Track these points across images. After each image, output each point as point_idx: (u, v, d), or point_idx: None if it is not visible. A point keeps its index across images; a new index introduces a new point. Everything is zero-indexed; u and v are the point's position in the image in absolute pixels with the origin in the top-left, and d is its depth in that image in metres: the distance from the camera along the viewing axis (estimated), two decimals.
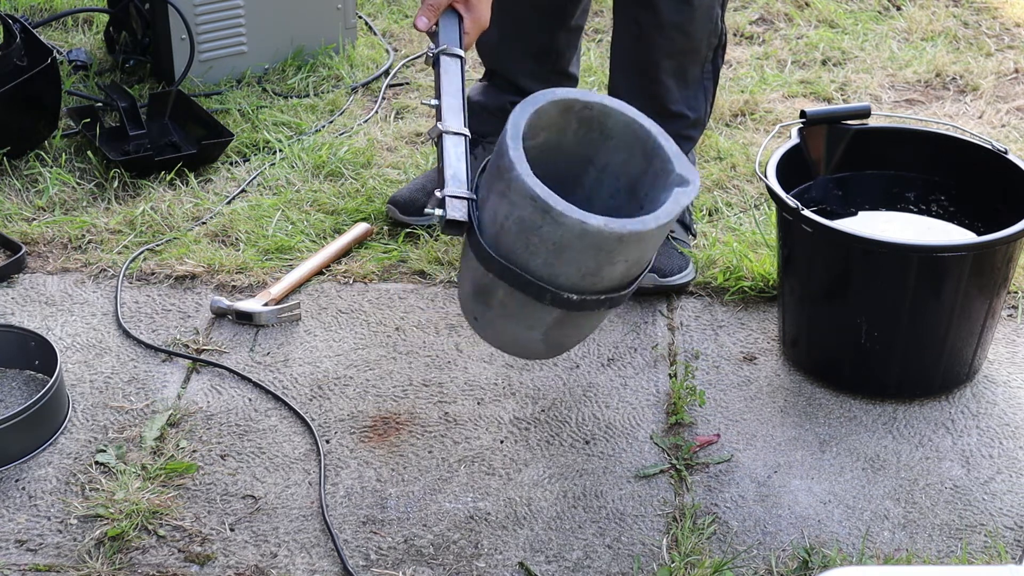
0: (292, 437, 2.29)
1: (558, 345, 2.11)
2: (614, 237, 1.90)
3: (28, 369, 2.43)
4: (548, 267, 1.94)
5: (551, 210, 1.88)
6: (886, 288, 2.26)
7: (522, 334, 2.05)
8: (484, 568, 2.03)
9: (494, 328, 2.07)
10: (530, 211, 1.90)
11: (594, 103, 2.06)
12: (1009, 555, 2.06)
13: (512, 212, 1.92)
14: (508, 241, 1.94)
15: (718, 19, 2.61)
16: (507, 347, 2.12)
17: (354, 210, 2.88)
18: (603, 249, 1.92)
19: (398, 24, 3.81)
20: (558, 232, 1.89)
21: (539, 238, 1.91)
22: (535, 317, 2.01)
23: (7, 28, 3.08)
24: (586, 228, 1.88)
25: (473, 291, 2.04)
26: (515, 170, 1.90)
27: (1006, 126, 3.28)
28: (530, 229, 1.91)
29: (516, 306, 2.00)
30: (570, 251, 1.91)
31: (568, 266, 1.93)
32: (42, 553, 2.05)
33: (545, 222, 1.89)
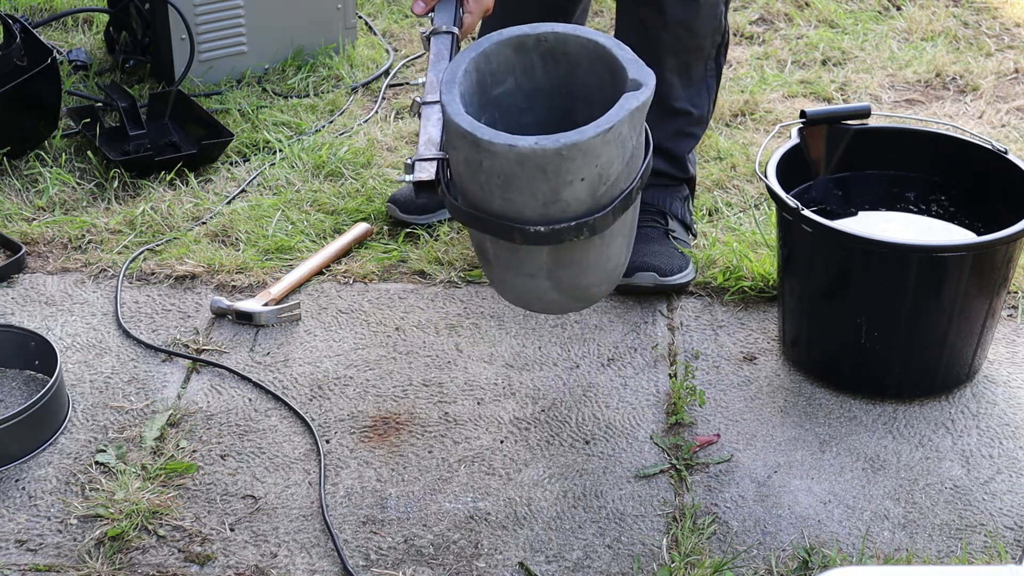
0: (292, 437, 2.29)
1: (573, 289, 2.03)
2: (551, 153, 1.83)
3: (28, 369, 2.43)
4: (507, 203, 1.89)
5: (480, 141, 1.84)
6: (886, 288, 2.26)
7: (529, 284, 2.00)
8: (484, 568, 2.03)
9: (504, 284, 2.05)
10: (468, 149, 1.87)
11: (546, 33, 2.01)
12: (1009, 555, 2.06)
13: (459, 156, 1.90)
14: (467, 188, 1.93)
15: (722, 16, 2.62)
16: (526, 302, 2.07)
17: (354, 210, 2.88)
18: (548, 170, 1.85)
19: (398, 24, 3.81)
20: (497, 163, 1.85)
21: (485, 175, 1.87)
22: (527, 262, 1.97)
23: (7, 28, 3.08)
24: (519, 151, 1.82)
25: (476, 252, 2.05)
26: (446, 112, 1.88)
27: (1006, 126, 3.28)
28: (475, 168, 1.87)
29: (506, 254, 1.98)
30: (518, 180, 1.86)
31: (523, 196, 1.87)
32: (42, 553, 2.05)
33: (481, 155, 1.85)
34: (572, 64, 2.02)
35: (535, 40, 2.01)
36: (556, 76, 2.02)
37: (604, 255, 2.02)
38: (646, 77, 1.94)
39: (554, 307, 2.12)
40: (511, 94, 2.01)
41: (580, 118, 1.98)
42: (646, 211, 2.70)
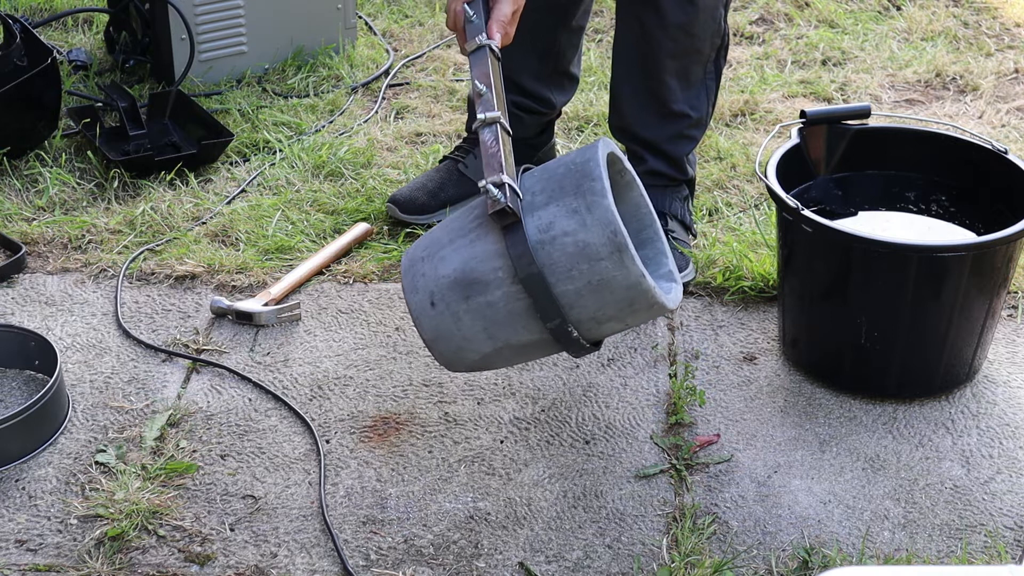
0: (292, 437, 2.29)
1: (489, 363, 2.07)
2: (650, 302, 1.95)
3: (28, 369, 2.43)
4: (576, 296, 1.94)
5: (625, 251, 1.90)
6: (886, 288, 2.26)
7: (477, 340, 2.00)
8: (484, 568, 2.03)
9: (453, 322, 1.99)
10: (602, 242, 1.90)
11: (628, 171, 2.14)
12: (1009, 555, 2.06)
13: (578, 233, 1.91)
14: (552, 256, 1.92)
15: (721, 19, 2.61)
16: (442, 344, 2.03)
17: (354, 210, 2.88)
18: (633, 306, 1.95)
19: (398, 24, 3.81)
20: (613, 272, 1.91)
21: (590, 268, 1.91)
22: (512, 331, 1.99)
23: (7, 28, 3.08)
24: (641, 283, 1.92)
25: (461, 278, 1.97)
26: (607, 199, 1.91)
27: (1006, 126, 3.28)
28: (588, 257, 1.91)
29: (504, 313, 1.97)
30: (608, 293, 1.93)
31: (593, 303, 1.94)
32: (42, 553, 2.05)
33: (610, 258, 1.91)
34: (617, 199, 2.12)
35: (621, 168, 2.14)
36: None
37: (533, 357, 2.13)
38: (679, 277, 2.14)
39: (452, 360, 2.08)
40: None
41: None
42: None
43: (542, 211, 1.94)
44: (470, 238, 1.99)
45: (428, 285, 2.00)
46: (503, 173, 1.96)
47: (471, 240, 1.98)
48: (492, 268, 1.95)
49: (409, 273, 2.03)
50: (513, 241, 1.93)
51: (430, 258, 2.01)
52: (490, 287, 1.96)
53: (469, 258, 1.97)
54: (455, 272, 1.97)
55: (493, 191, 1.93)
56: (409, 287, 2.02)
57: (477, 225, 1.98)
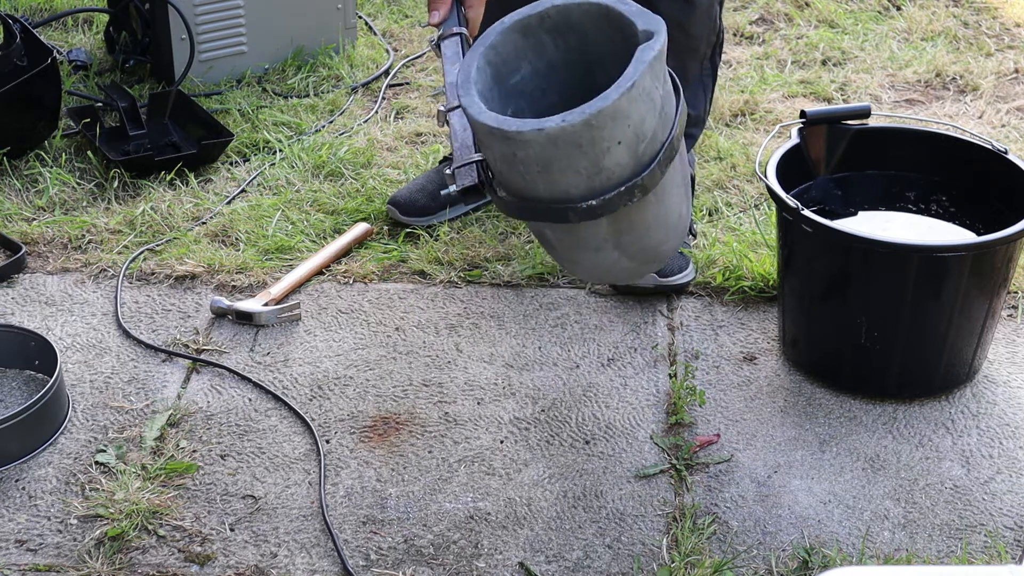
0: (292, 437, 2.29)
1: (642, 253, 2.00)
2: (581, 126, 1.80)
3: (28, 369, 2.43)
4: (552, 185, 1.87)
5: (508, 133, 1.82)
6: (886, 288, 2.26)
7: (598, 258, 1.98)
8: (484, 568, 2.03)
9: (575, 264, 2.06)
10: (499, 144, 1.85)
11: (547, 9, 1.97)
12: (1009, 555, 2.06)
13: (493, 153, 1.89)
14: (509, 181, 1.92)
15: (717, 17, 2.62)
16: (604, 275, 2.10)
17: (354, 210, 2.88)
18: (583, 143, 1.81)
19: (398, 24, 3.81)
20: (531, 150, 1.83)
21: (523, 164, 1.85)
22: (589, 238, 1.95)
23: (7, 28, 3.08)
24: (548, 133, 1.80)
25: (539, 240, 2.06)
26: (469, 114, 1.87)
27: (1006, 126, 3.28)
28: (511, 160, 1.86)
29: (566, 236, 1.96)
30: (556, 161, 1.83)
31: (566, 175, 1.85)
32: (42, 553, 2.05)
33: (514, 147, 1.83)
34: (580, 34, 1.99)
35: (539, 19, 1.97)
36: (568, 50, 1.99)
37: (663, 211, 1.99)
38: (656, 25, 1.88)
39: (629, 274, 2.11)
40: (529, 79, 1.98)
41: (602, 85, 1.90)
42: None
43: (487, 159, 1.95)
44: None
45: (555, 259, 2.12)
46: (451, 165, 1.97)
47: None
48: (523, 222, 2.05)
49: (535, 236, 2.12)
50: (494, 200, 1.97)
51: None
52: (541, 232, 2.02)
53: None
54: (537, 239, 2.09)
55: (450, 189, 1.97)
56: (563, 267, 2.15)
57: None
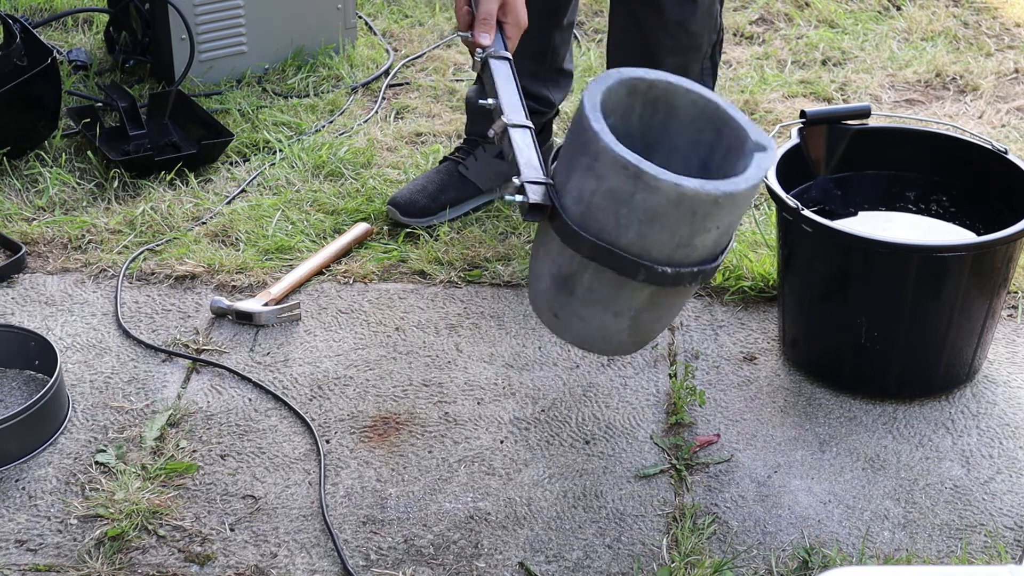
0: (292, 437, 2.29)
1: (643, 333, 2.04)
2: (710, 200, 1.85)
3: (28, 369, 2.43)
4: (641, 239, 1.89)
5: (643, 175, 1.84)
6: (886, 288, 2.26)
7: (609, 322, 1.99)
8: (484, 568, 2.03)
9: (578, 319, 2.01)
10: (621, 180, 1.85)
11: (659, 81, 2.03)
12: (1009, 555, 2.06)
13: (600, 185, 1.88)
14: (597, 218, 1.90)
15: (717, 15, 2.62)
16: (591, 340, 2.05)
17: (354, 210, 2.88)
18: (698, 214, 1.87)
19: (398, 24, 3.81)
20: (652, 199, 1.85)
21: (630, 208, 1.86)
22: (625, 299, 1.96)
23: (7, 28, 3.08)
24: (682, 191, 1.84)
25: (554, 282, 2.00)
26: (601, 140, 1.87)
27: (1006, 126, 3.28)
28: (621, 200, 1.86)
29: (605, 288, 1.96)
30: (664, 219, 1.86)
31: (662, 236, 1.88)
32: (42, 553, 2.05)
33: (638, 189, 1.85)
34: (670, 114, 2.06)
35: (648, 85, 2.03)
36: (646, 124, 2.03)
37: (680, 304, 2.07)
38: (768, 141, 1.98)
39: (614, 348, 2.10)
40: None
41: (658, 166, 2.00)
42: None
43: (569, 184, 1.93)
44: (543, 244, 2.01)
45: (543, 302, 2.04)
46: (517, 177, 1.96)
47: (544, 246, 2.00)
48: (567, 259, 1.95)
49: (533, 304, 2.08)
50: (558, 228, 1.93)
51: (534, 280, 2.05)
52: (577, 275, 1.96)
53: (550, 262, 1.99)
54: (550, 280, 2.00)
55: (516, 198, 1.94)
56: (537, 313, 2.07)
57: (540, 230, 2.00)
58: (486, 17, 2.14)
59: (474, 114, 2.93)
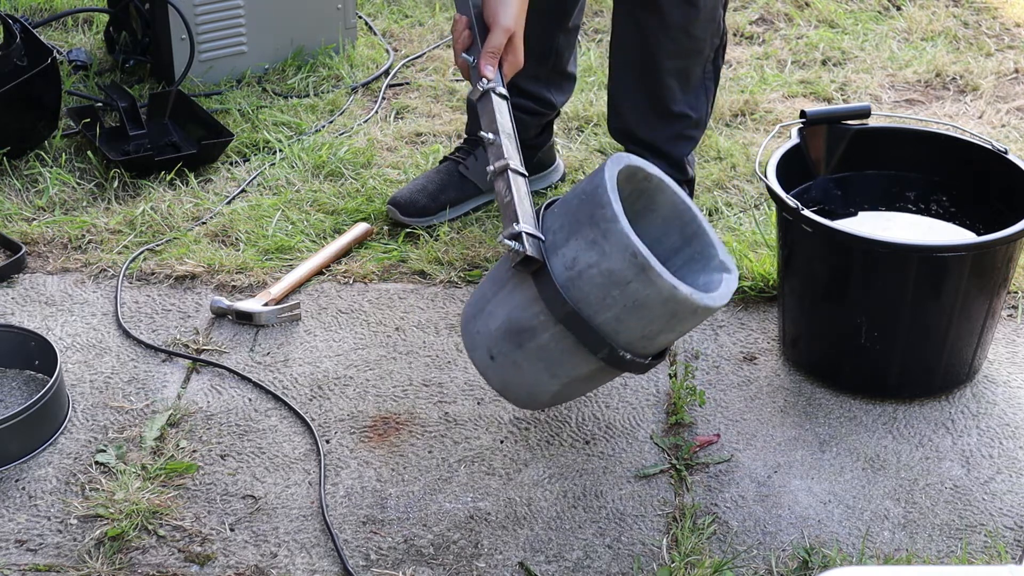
0: (292, 437, 2.29)
1: (563, 397, 2.12)
2: (692, 307, 1.96)
3: (28, 369, 2.43)
4: (617, 322, 1.96)
5: (648, 269, 1.91)
6: (886, 288, 2.26)
7: (543, 382, 2.05)
8: (484, 568, 2.03)
9: (515, 369, 2.05)
10: (624, 265, 1.92)
11: (654, 176, 2.13)
12: (1009, 555, 2.06)
13: (601, 263, 1.93)
14: (584, 289, 1.95)
15: (720, 19, 2.62)
16: (513, 390, 2.10)
17: (354, 210, 2.88)
18: (677, 316, 1.97)
19: (398, 24, 3.81)
20: (645, 291, 1.93)
21: (621, 293, 1.93)
22: (571, 367, 2.02)
23: (7, 28, 3.08)
24: (675, 294, 1.93)
25: (509, 329, 2.02)
26: (619, 223, 1.92)
27: (1006, 126, 3.28)
28: (616, 283, 1.93)
29: (558, 353, 2.01)
30: (647, 312, 1.95)
31: (637, 325, 1.97)
32: (42, 553, 2.05)
33: (637, 279, 1.92)
34: (649, 207, 2.15)
35: (644, 176, 2.12)
36: (628, 206, 2.08)
37: (607, 382, 2.19)
38: (732, 263, 2.12)
39: (528, 403, 2.14)
40: None
41: None
42: None
43: (564, 248, 1.97)
44: (508, 289, 2.03)
45: (484, 341, 2.06)
46: (517, 222, 1.98)
47: (509, 291, 2.02)
48: (533, 314, 1.99)
49: (467, 332, 2.10)
50: (542, 286, 1.97)
51: (480, 314, 2.07)
52: (536, 331, 2.00)
53: (511, 308, 2.02)
54: (502, 324, 2.03)
55: (511, 244, 1.96)
56: (470, 346, 2.09)
57: (513, 274, 2.02)
58: (494, 50, 2.18)
59: (474, 114, 2.93)
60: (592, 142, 3.17)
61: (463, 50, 2.20)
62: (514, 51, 2.20)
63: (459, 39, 2.21)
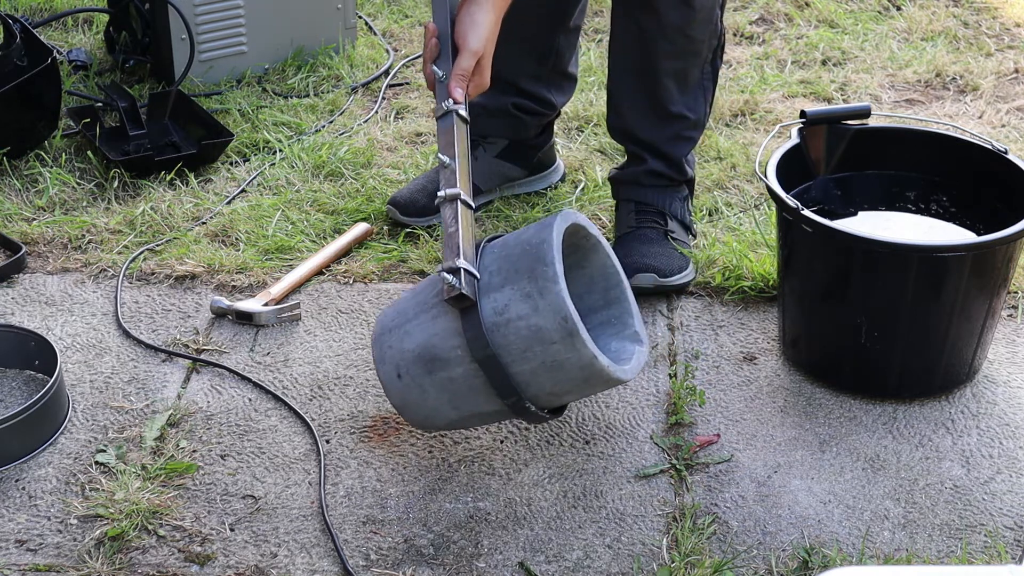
0: (292, 437, 2.29)
1: (456, 426, 2.14)
2: (606, 378, 2.02)
3: (28, 369, 2.43)
4: (531, 375, 1.99)
5: (576, 336, 1.95)
6: (886, 288, 2.26)
7: (443, 410, 2.07)
8: (484, 568, 2.03)
9: (419, 393, 2.06)
10: (553, 325, 1.95)
11: (592, 236, 2.19)
12: (1009, 555, 2.06)
13: (531, 318, 1.96)
14: (508, 337, 1.98)
15: (718, 20, 2.61)
16: (412, 409, 2.10)
17: (354, 210, 2.88)
18: (589, 382, 2.02)
19: (398, 24, 3.82)
20: (566, 354, 1.96)
21: (543, 350, 1.97)
22: (474, 404, 2.05)
23: (7, 28, 3.08)
24: (593, 363, 1.98)
25: (423, 354, 2.03)
26: (558, 284, 1.95)
27: (1006, 126, 3.28)
28: (541, 340, 1.96)
29: (465, 388, 2.03)
30: (562, 373, 1.99)
31: (547, 381, 2.00)
32: (42, 553, 2.05)
33: (562, 342, 1.96)
34: (580, 264, 2.21)
35: (584, 235, 2.18)
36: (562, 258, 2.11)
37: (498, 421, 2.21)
38: (645, 336, 2.21)
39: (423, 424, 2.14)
40: None
41: None
42: (646, 212, 2.70)
43: (497, 293, 1.99)
44: (432, 314, 2.04)
45: (395, 357, 2.07)
46: (459, 257, 2.00)
47: (433, 316, 2.04)
48: (451, 346, 2.01)
49: (378, 343, 2.11)
50: (468, 324, 1.99)
51: (397, 330, 2.08)
52: (450, 364, 2.02)
53: (431, 335, 2.04)
54: (418, 347, 2.04)
55: (448, 278, 1.98)
56: (378, 357, 2.10)
57: (439, 302, 2.03)
58: (463, 73, 2.19)
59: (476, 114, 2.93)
60: (592, 142, 3.17)
61: (431, 60, 2.21)
62: (481, 73, 2.21)
63: (428, 48, 2.22)
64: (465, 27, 2.19)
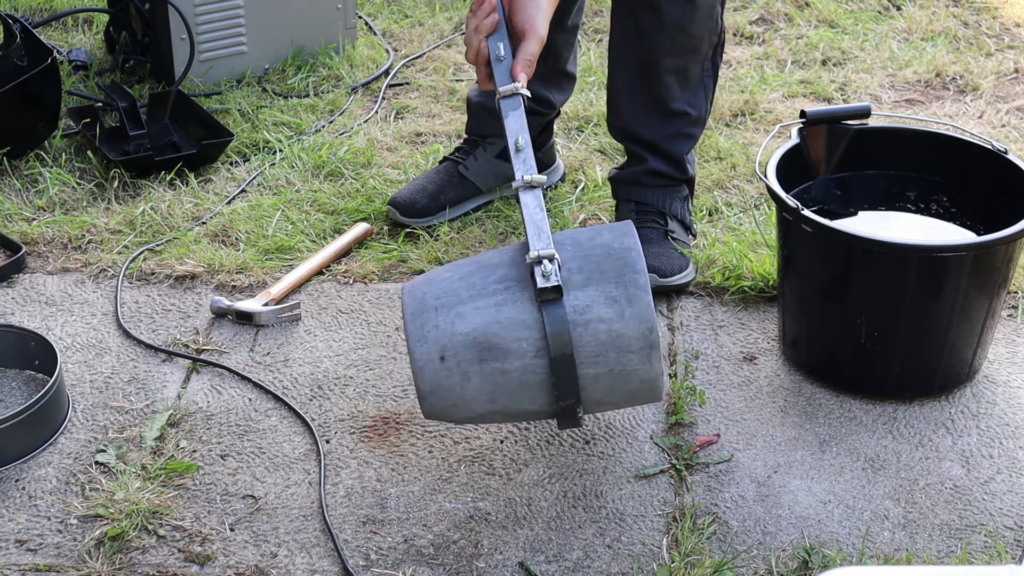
0: (292, 437, 2.29)
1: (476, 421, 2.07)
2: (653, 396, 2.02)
3: (28, 369, 2.43)
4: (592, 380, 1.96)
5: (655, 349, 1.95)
6: (886, 288, 2.26)
7: (476, 400, 1.98)
8: (484, 568, 2.03)
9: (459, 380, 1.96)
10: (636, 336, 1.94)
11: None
12: (1009, 555, 2.06)
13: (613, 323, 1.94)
14: (582, 339, 1.94)
15: (718, 17, 2.62)
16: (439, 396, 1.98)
17: (354, 210, 2.88)
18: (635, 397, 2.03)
19: (398, 24, 3.82)
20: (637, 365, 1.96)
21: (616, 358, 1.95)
22: (517, 399, 1.98)
23: (7, 28, 3.08)
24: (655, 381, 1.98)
25: (479, 341, 1.94)
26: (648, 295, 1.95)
27: (1006, 126, 3.28)
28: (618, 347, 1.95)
29: (514, 384, 1.96)
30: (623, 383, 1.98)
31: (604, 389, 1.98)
32: (42, 553, 2.05)
33: (639, 353, 1.95)
34: None
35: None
36: None
37: None
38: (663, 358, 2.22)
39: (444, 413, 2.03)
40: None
41: None
42: (646, 212, 2.70)
43: (580, 292, 1.94)
44: (496, 300, 1.95)
45: (441, 339, 1.95)
46: (552, 246, 1.94)
47: (497, 303, 1.95)
48: (516, 338, 1.93)
49: (418, 320, 1.97)
50: (552, 318, 1.93)
51: (445, 309, 1.96)
52: (510, 355, 1.94)
53: (492, 322, 1.94)
54: (474, 332, 1.94)
55: (548, 266, 1.93)
56: (416, 335, 1.96)
57: (504, 288, 1.96)
58: (531, 58, 2.14)
59: (474, 114, 2.93)
60: (592, 142, 3.17)
61: (486, 33, 2.12)
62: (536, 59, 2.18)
63: (486, 22, 2.12)
64: (531, 11, 2.12)
